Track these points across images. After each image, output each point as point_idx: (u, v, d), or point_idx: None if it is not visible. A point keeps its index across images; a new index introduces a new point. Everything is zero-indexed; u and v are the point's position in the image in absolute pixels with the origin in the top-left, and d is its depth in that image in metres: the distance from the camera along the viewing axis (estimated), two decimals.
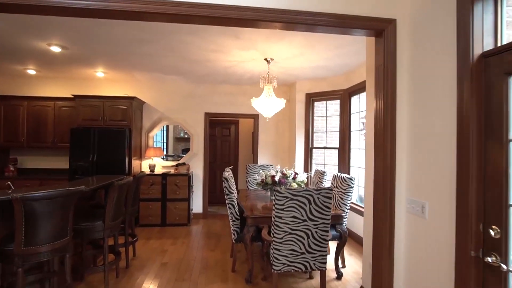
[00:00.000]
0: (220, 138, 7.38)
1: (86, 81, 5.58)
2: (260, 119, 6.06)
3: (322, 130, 6.28)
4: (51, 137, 5.30)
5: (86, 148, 4.92)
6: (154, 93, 5.81)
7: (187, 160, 5.88)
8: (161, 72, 5.06)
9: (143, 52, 3.99)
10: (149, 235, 4.82)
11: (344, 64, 4.44)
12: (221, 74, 5.11)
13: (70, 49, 3.86)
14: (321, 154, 6.22)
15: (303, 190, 2.55)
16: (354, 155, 4.93)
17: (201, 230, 5.17)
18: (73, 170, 4.89)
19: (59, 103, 5.32)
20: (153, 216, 5.28)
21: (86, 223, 2.83)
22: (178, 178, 5.36)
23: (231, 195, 3.39)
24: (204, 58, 4.17)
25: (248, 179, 5.22)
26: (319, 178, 4.44)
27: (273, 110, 4.02)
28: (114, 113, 5.10)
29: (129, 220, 3.61)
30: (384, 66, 2.19)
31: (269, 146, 6.11)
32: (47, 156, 5.52)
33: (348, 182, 3.62)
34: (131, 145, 5.12)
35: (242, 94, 6.02)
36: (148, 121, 5.80)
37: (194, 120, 5.90)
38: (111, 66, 4.70)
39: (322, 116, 6.36)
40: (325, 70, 4.77)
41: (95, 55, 4.16)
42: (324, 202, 2.61)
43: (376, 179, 2.26)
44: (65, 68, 4.85)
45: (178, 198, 5.33)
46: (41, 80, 5.50)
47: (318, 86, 5.42)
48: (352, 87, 4.83)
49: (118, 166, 4.96)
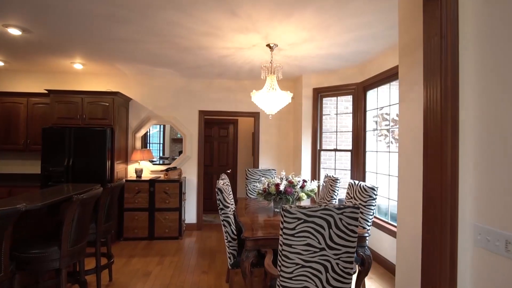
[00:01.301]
0: (217, 139, 6.73)
1: (64, 75, 4.94)
2: (262, 117, 5.41)
3: (331, 130, 5.63)
4: (23, 138, 4.65)
5: (60, 151, 4.26)
6: (141, 88, 5.16)
7: (179, 164, 5.22)
8: (148, 64, 4.41)
9: (123, 37, 3.34)
10: (133, 251, 4.16)
11: (360, 52, 3.79)
12: (216, 66, 4.45)
13: (33, 32, 3.21)
14: (329, 157, 5.58)
15: (321, 208, 1.90)
16: (370, 158, 4.27)
17: (194, 244, 4.51)
18: (45, 176, 4.24)
19: (32, 100, 4.67)
20: (139, 229, 4.62)
21: (37, 250, 2.17)
22: (168, 185, 4.70)
23: (226, 209, 2.74)
24: (196, 44, 3.52)
25: (248, 186, 4.56)
26: (330, 186, 3.78)
27: (277, 105, 3.37)
28: (95, 111, 4.45)
29: (101, 238, 2.96)
30: (442, 38, 1.54)
31: (272, 148, 5.45)
32: (18, 159, 4.87)
33: (369, 193, 2.97)
34: (114, 147, 4.46)
35: (241, 89, 5.37)
36: (135, 120, 5.15)
37: (186, 118, 5.25)
38: (89, 55, 4.05)
39: (331, 114, 5.72)
40: (337, 60, 4.12)
41: (67, 41, 3.51)
42: (349, 224, 1.95)
43: (428, 197, 1.60)
44: (38, 59, 4.20)
45: (168, 208, 4.67)
46: (11, 74, 4.85)
47: (328, 79, 4.77)
48: (367, 80, 4.18)
49: (98, 171, 4.30)
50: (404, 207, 2.19)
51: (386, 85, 4.00)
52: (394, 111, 6.06)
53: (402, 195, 2.22)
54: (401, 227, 2.21)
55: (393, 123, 5.97)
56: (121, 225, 4.59)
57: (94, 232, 2.83)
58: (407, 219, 2.16)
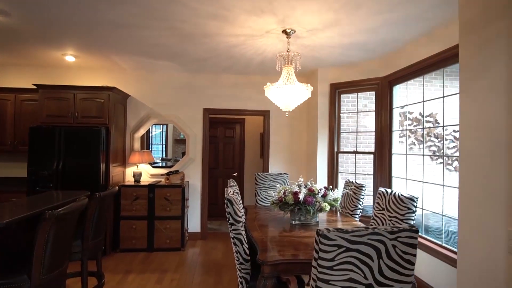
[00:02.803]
0: (222, 140, 6.27)
1: (55, 69, 4.50)
2: (272, 116, 4.94)
3: (349, 130, 5.15)
4: (11, 138, 4.21)
5: (49, 153, 3.82)
6: (141, 84, 4.71)
7: (182, 167, 4.76)
8: (146, 56, 3.96)
9: (116, 21, 2.89)
10: (130, 266, 3.70)
11: (387, 41, 3.30)
12: (223, 58, 3.99)
13: (12, 15, 2.76)
14: (346, 160, 5.10)
15: (368, 233, 1.42)
16: (398, 162, 3.78)
17: (198, 257, 4.04)
18: (33, 180, 3.80)
19: (21, 96, 4.24)
20: (137, 239, 4.16)
21: (1, 280, 1.71)
22: (170, 191, 4.24)
23: (237, 224, 2.26)
24: (201, 30, 3.06)
25: (258, 192, 4.09)
26: (354, 194, 3.30)
27: (295, 101, 2.90)
28: (88, 108, 4.01)
29: (89, 257, 2.50)
30: None
31: (283, 150, 4.97)
32: (5, 162, 4.43)
33: (407, 204, 2.48)
34: (109, 149, 4.02)
35: (249, 85, 4.90)
36: (133, 119, 4.70)
37: (190, 117, 4.80)
38: (81, 45, 3.60)
39: (350, 113, 5.24)
40: (360, 50, 3.64)
41: (52, 26, 3.06)
42: (405, 253, 1.47)
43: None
44: (25, 50, 3.77)
45: (169, 216, 4.21)
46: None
47: (346, 74, 4.29)
48: (394, 73, 3.69)
49: (92, 175, 3.86)
50: (469, 228, 1.71)
51: (419, 79, 3.52)
52: (428, 108, 5.51)
53: (465, 212, 1.74)
54: (464, 255, 1.72)
55: (416, 123, 5.47)
56: (117, 235, 4.14)
57: (80, 250, 2.37)
58: (472, 245, 1.68)
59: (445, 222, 3.11)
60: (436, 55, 3.01)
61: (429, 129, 5.28)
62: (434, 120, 5.20)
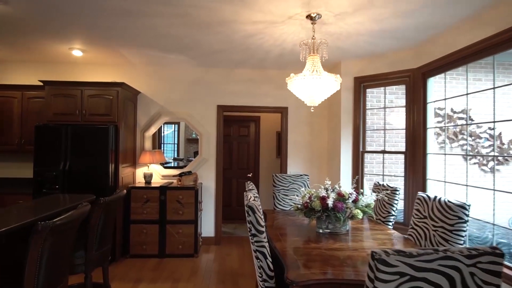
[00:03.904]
0: (236, 139, 5.98)
1: (63, 65, 4.31)
2: (290, 113, 4.61)
3: (373, 128, 4.78)
4: (17, 137, 4.04)
5: (56, 152, 3.61)
6: (151, 80, 4.47)
7: (195, 168, 4.50)
8: (156, 49, 3.70)
9: (122, 7, 2.63)
10: (140, 273, 3.46)
11: (422, 27, 2.93)
12: (238, 50, 3.69)
13: (10, 2, 2.54)
14: (370, 160, 4.73)
15: (439, 257, 1.09)
16: (434, 163, 3.40)
17: (212, 264, 3.77)
18: (39, 182, 3.60)
19: (28, 93, 4.06)
20: (148, 244, 3.91)
21: None
22: (182, 193, 3.98)
23: (260, 235, 1.96)
24: (216, 17, 2.77)
25: (276, 195, 3.78)
26: (388, 200, 2.95)
27: (322, 94, 2.57)
28: (96, 105, 3.78)
29: (94, 268, 2.24)
30: None
31: (302, 150, 4.64)
32: (12, 162, 4.27)
33: (458, 213, 2.12)
34: (118, 148, 3.78)
35: (265, 80, 4.59)
36: (144, 117, 4.46)
37: (203, 115, 4.52)
38: (88, 37, 3.37)
39: (374, 109, 4.88)
40: (390, 39, 3.27)
41: (56, 16, 2.83)
42: (486, 283, 1.13)
43: None
44: (30, 44, 3.57)
45: (181, 220, 3.95)
46: (3, 65, 4.26)
47: (372, 66, 3.92)
48: (429, 64, 3.32)
49: (100, 176, 3.63)
50: None
51: (460, 69, 3.13)
52: (459, 103, 5.04)
53: None
54: None
55: (447, 119, 5.04)
56: (127, 239, 3.91)
57: (83, 262, 2.12)
58: None
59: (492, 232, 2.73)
60: (483, 41, 2.63)
61: (461, 126, 4.85)
62: (467, 117, 4.77)
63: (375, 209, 3.07)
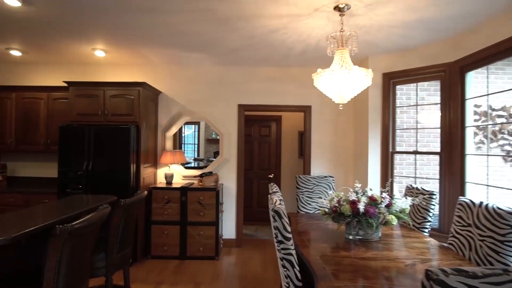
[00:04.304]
0: (257, 139, 5.86)
1: (86, 66, 4.35)
2: (314, 112, 4.43)
3: (403, 127, 4.51)
4: (43, 138, 4.11)
5: (79, 153, 3.63)
6: (172, 80, 4.43)
7: (216, 168, 4.41)
8: (177, 47, 3.64)
9: (145, 6, 2.58)
10: (161, 275, 3.41)
11: (463, 15, 2.69)
12: (260, 47, 3.57)
13: (34, 3, 2.54)
14: (400, 162, 4.46)
15: (509, 279, 0.91)
16: (474, 164, 3.13)
17: (234, 268, 3.66)
18: (63, 181, 3.63)
19: (53, 94, 4.13)
20: (169, 245, 3.86)
21: None
22: (203, 194, 3.90)
23: (287, 242, 1.82)
24: (237, 11, 2.66)
25: (300, 197, 3.62)
26: (425, 204, 2.72)
27: (352, 90, 2.40)
28: (118, 105, 3.78)
29: (115, 271, 2.19)
30: None
31: (326, 150, 4.45)
32: (38, 161, 4.36)
33: (509, 221, 1.88)
34: (140, 148, 3.76)
35: (288, 79, 4.44)
36: (165, 117, 4.43)
37: (224, 114, 4.43)
38: (109, 37, 3.36)
39: (404, 106, 4.60)
40: (424, 30, 3.03)
41: (79, 15, 2.82)
42: None
43: None
44: (54, 44, 3.61)
45: (202, 222, 3.87)
46: (30, 66, 4.37)
47: (403, 61, 3.68)
48: (468, 57, 3.04)
49: (122, 176, 3.62)
50: None
51: (500, 63, 2.85)
52: (497, 101, 4.68)
53: None
54: None
55: (484, 117, 4.67)
56: (148, 240, 3.88)
57: (104, 266, 2.06)
58: None
59: None
60: None
61: (501, 125, 4.48)
62: (508, 115, 4.39)
63: (410, 214, 2.84)
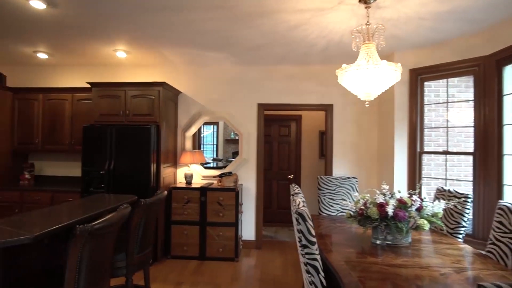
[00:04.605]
0: (276, 139, 5.77)
1: (108, 67, 4.43)
2: (336, 111, 4.29)
3: (431, 126, 4.29)
4: (68, 138, 4.22)
5: (102, 152, 3.69)
6: (191, 80, 4.43)
7: (235, 169, 4.37)
8: (196, 46, 3.62)
9: (164, 4, 2.56)
10: (181, 276, 3.39)
11: (495, 7, 2.48)
12: (280, 44, 3.48)
13: (59, 5, 2.58)
14: (428, 162, 4.23)
15: None
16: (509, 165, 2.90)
17: (254, 271, 3.59)
18: (86, 181, 3.70)
19: (77, 95, 4.22)
20: (189, 246, 3.85)
21: None
22: (222, 194, 3.86)
23: (312, 247, 1.72)
24: (259, 7, 2.59)
25: (321, 198, 3.50)
26: (459, 209, 2.53)
27: (379, 86, 2.27)
28: (139, 106, 3.81)
29: (135, 272, 2.17)
30: None
31: (349, 151, 4.29)
32: (64, 161, 4.48)
33: None
34: (160, 148, 3.77)
35: (308, 76, 4.33)
36: (184, 117, 4.43)
37: (243, 114, 4.38)
38: (132, 38, 3.39)
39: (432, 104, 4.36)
40: (457, 21, 2.84)
41: (101, 16, 2.85)
42: None
43: None
44: (78, 46, 3.68)
45: (222, 222, 3.83)
46: (55, 69, 4.50)
47: (432, 56, 3.48)
48: (505, 50, 2.82)
49: (142, 176, 3.64)
50: None
51: None
52: None
53: None
54: None
55: None
56: (168, 240, 3.88)
57: (124, 266, 2.05)
58: None
59: None
60: None
61: None
62: None
63: (442, 218, 2.66)
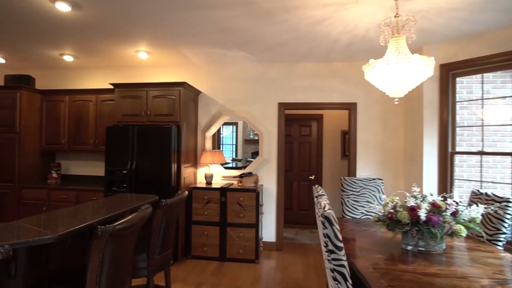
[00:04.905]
0: (297, 139, 5.66)
1: (130, 69, 4.50)
2: (360, 110, 4.13)
3: (463, 124, 4.03)
4: (92, 138, 4.31)
5: (124, 152, 3.73)
6: (211, 80, 4.41)
7: (255, 169, 4.30)
8: (217, 45, 3.59)
9: (187, 2, 2.53)
10: (201, 276, 3.36)
11: None
12: (302, 41, 3.39)
13: (84, 8, 2.62)
14: (460, 163, 3.99)
15: None
16: None
17: (275, 273, 3.51)
18: (109, 180, 3.76)
19: (101, 96, 4.31)
20: (209, 246, 3.83)
21: None
22: (243, 195, 3.81)
23: (339, 252, 1.62)
24: (281, 2, 2.51)
25: (345, 200, 3.37)
26: (499, 214, 2.34)
27: (409, 82, 2.13)
28: (160, 106, 3.83)
29: (156, 272, 2.15)
30: None
31: (373, 151, 4.12)
32: (88, 160, 4.59)
33: None
34: (181, 148, 3.77)
35: (331, 74, 4.19)
36: (204, 117, 4.42)
37: (263, 113, 4.31)
38: (153, 38, 3.40)
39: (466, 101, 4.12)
40: (495, 11, 2.64)
41: (125, 17, 2.87)
42: None
43: None
44: (101, 47, 3.75)
45: (242, 223, 3.78)
46: (80, 71, 4.62)
47: (465, 50, 3.27)
48: None
49: (163, 176, 3.65)
50: None
51: None
52: None
53: None
54: None
55: None
56: (189, 240, 3.88)
57: (145, 266, 2.03)
58: None
59: None
60: None
61: None
62: None
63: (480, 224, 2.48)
